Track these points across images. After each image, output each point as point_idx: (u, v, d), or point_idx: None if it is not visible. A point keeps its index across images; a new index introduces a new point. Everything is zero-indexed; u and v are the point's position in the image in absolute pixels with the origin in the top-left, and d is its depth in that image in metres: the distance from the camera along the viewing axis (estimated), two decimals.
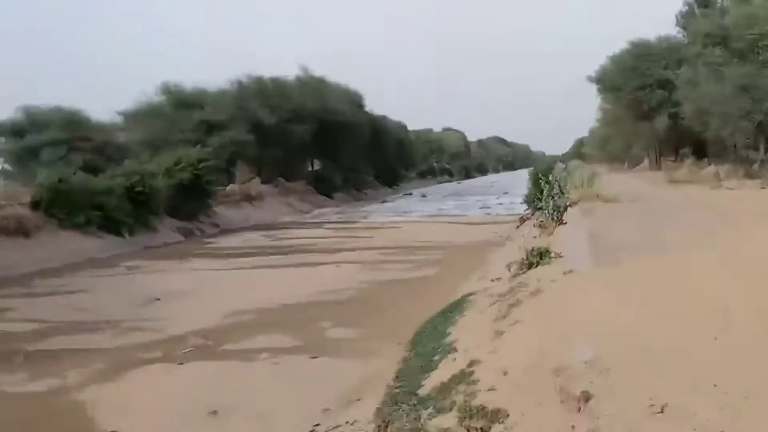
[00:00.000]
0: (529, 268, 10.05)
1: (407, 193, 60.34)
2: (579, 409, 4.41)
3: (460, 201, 48.14)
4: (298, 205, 42.23)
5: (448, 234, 24.69)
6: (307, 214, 39.10)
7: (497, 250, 17.81)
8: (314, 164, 55.55)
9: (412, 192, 61.53)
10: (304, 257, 19.95)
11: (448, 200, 50.09)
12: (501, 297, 8.96)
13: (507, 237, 20.24)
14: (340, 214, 38.63)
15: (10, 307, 13.40)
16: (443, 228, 27.70)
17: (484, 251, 18.41)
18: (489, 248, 18.92)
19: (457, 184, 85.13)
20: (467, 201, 47.50)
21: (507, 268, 11.19)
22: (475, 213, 36.23)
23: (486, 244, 20.15)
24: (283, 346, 9.97)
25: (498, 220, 29.56)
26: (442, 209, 40.19)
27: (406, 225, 29.76)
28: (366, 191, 56.92)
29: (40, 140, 34.41)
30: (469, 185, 78.99)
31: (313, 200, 45.70)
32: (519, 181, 42.84)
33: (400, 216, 35.72)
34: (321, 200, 46.62)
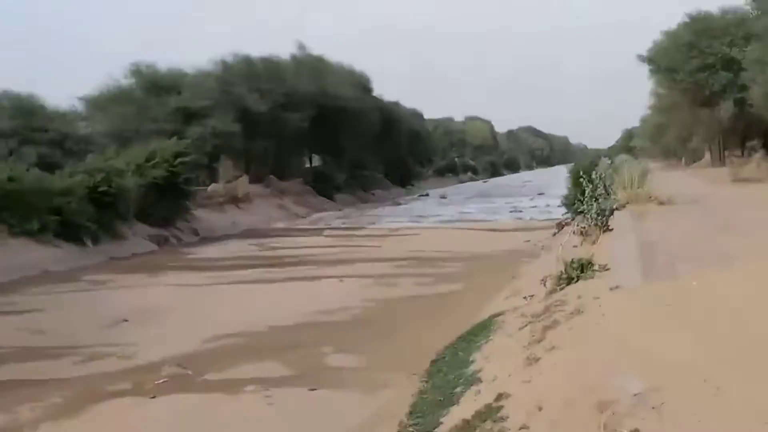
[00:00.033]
0: (569, 284, 10.04)
1: (423, 194, 60.54)
2: None
3: (486, 203, 48.36)
4: (294, 208, 42.37)
5: (472, 243, 24.86)
6: (304, 219, 39.33)
7: (530, 261, 17.91)
8: (312, 159, 55.75)
9: (428, 192, 61.76)
10: (300, 270, 20.09)
11: (471, 202, 50.25)
12: (535, 318, 8.98)
13: (542, 246, 20.37)
14: (344, 219, 38.82)
15: None
16: (466, 236, 27.91)
17: (514, 263, 18.49)
18: (520, 260, 19.08)
19: (483, 183, 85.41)
20: (495, 203, 47.72)
21: (542, 283, 11.18)
22: (505, 218, 36.41)
23: (517, 255, 20.31)
24: (275, 376, 9.99)
25: (531, 226, 29.82)
26: (465, 213, 40.47)
27: (422, 232, 30.10)
28: (374, 192, 57.15)
29: None
30: (497, 184, 79.12)
31: (312, 202, 45.82)
32: (556, 180, 42.93)
33: (415, 221, 35.97)
34: (320, 202, 46.74)
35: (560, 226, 21.64)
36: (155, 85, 41.00)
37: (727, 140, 46.56)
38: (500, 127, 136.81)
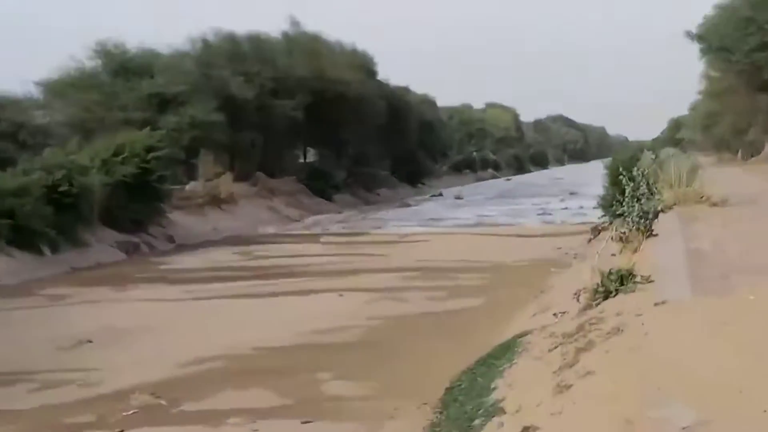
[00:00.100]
0: (606, 298, 10.05)
1: (436, 194, 60.55)
2: None
3: (509, 205, 48.48)
4: (285, 211, 42.40)
5: (493, 251, 25.01)
6: (298, 223, 39.38)
7: (561, 272, 17.91)
8: (307, 154, 55.72)
9: (442, 192, 61.78)
10: (292, 283, 20.17)
11: (492, 204, 50.35)
12: (566, 338, 9.00)
13: (575, 255, 20.49)
14: (344, 223, 38.96)
15: None
16: (486, 242, 28.06)
17: (542, 274, 18.53)
18: (549, 270, 19.05)
19: (506, 181, 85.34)
20: (520, 205, 47.83)
21: (575, 297, 11.18)
22: (531, 222, 36.54)
23: (545, 265, 20.39)
24: (262, 406, 10.02)
25: (562, 231, 30.03)
26: (485, 216, 40.54)
27: (435, 238, 30.20)
28: (379, 191, 57.15)
29: None
30: (523, 183, 79.09)
31: (306, 204, 45.83)
32: (591, 178, 42.77)
33: (427, 226, 36.07)
34: (317, 203, 46.79)
35: (596, 231, 21.65)
36: (124, 68, 40.53)
37: None
38: (526, 116, 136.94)
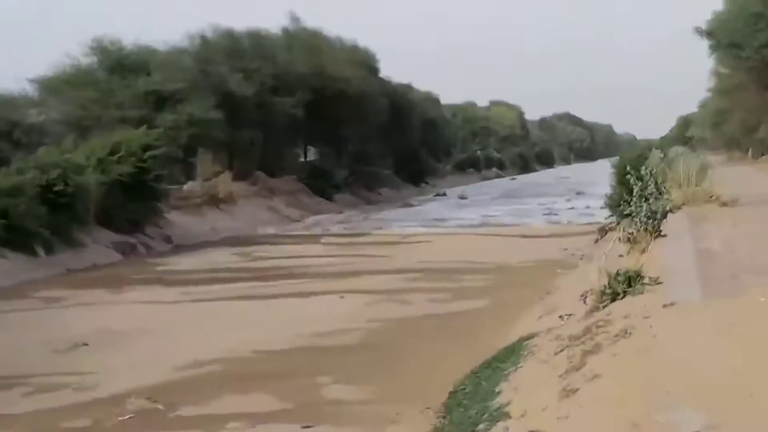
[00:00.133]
0: (613, 300, 10.10)
1: (439, 194, 60.56)
2: None
3: (514, 205, 48.54)
4: (285, 211, 42.36)
5: (498, 251, 25.01)
6: (298, 224, 39.34)
7: (568, 273, 17.97)
8: (308, 153, 55.68)
9: (445, 192, 61.73)
10: (293, 284, 20.15)
11: (497, 203, 50.43)
12: (573, 341, 9.00)
13: (581, 255, 20.51)
14: (345, 224, 38.98)
15: None
16: (490, 243, 28.03)
17: (548, 276, 18.58)
18: (555, 271, 19.10)
19: (511, 180, 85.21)
20: (525, 205, 47.91)
21: (581, 299, 11.23)
22: (537, 222, 36.56)
23: (551, 266, 20.42)
24: (262, 411, 10.00)
25: (569, 231, 29.98)
26: (490, 216, 40.55)
27: (438, 239, 30.21)
28: (381, 191, 57.19)
29: None
30: (529, 182, 79.03)
31: (307, 203, 45.81)
32: (598, 177, 42.70)
33: (430, 226, 36.08)
34: (317, 203, 46.77)
35: (603, 231, 21.66)
36: (120, 65, 40.48)
37: None
38: (531, 114, 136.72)
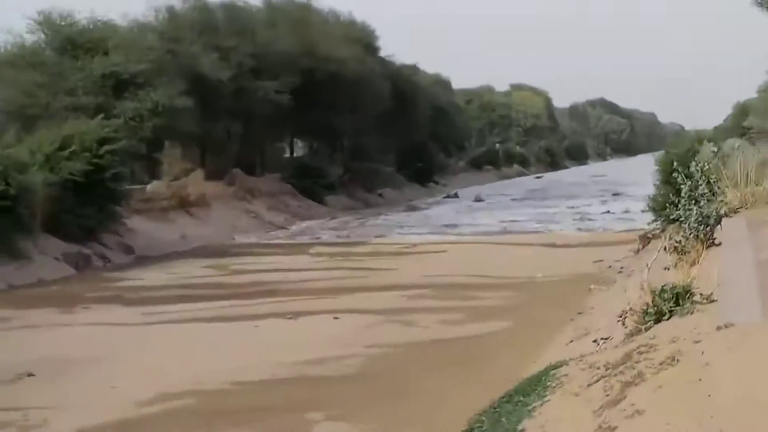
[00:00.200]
0: (658, 321, 9.70)
1: (450, 195, 60.77)
2: None
3: (540, 208, 48.63)
4: (268, 215, 42.31)
5: (520, 264, 24.85)
6: (283, 230, 39.49)
7: (603, 290, 17.66)
8: (295, 147, 55.19)
9: (458, 193, 62.16)
10: (277, 303, 19.95)
11: (519, 206, 50.85)
12: (610, 369, 8.62)
13: (620, 268, 20.65)
14: (339, 231, 39.05)
15: None
16: (511, 254, 27.98)
17: (580, 293, 18.44)
18: (589, 288, 18.48)
19: (536, 179, 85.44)
20: (553, 208, 47.91)
21: (620, 320, 10.93)
22: (567, 228, 36.81)
23: (584, 281, 20.05)
24: None
25: (604, 239, 30.58)
26: (510, 222, 40.66)
27: (450, 248, 30.18)
28: (382, 191, 57.25)
29: None
30: (556, 181, 79.98)
31: (293, 207, 45.81)
32: (639, 175, 43.13)
33: (440, 233, 36.33)
34: (306, 207, 46.73)
35: (645, 239, 21.92)
36: (72, 43, 39.25)
37: None
38: (560, 101, 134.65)
